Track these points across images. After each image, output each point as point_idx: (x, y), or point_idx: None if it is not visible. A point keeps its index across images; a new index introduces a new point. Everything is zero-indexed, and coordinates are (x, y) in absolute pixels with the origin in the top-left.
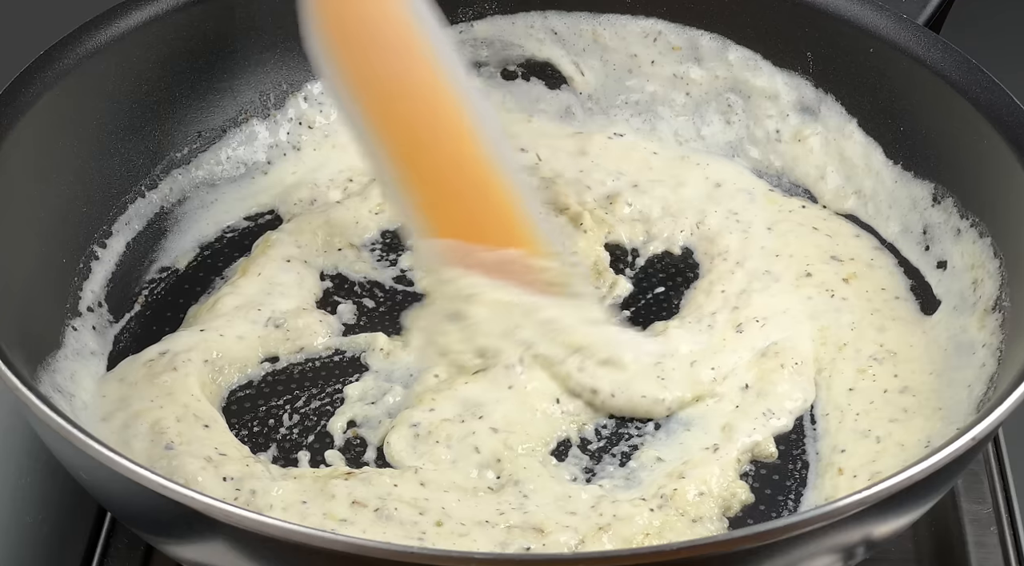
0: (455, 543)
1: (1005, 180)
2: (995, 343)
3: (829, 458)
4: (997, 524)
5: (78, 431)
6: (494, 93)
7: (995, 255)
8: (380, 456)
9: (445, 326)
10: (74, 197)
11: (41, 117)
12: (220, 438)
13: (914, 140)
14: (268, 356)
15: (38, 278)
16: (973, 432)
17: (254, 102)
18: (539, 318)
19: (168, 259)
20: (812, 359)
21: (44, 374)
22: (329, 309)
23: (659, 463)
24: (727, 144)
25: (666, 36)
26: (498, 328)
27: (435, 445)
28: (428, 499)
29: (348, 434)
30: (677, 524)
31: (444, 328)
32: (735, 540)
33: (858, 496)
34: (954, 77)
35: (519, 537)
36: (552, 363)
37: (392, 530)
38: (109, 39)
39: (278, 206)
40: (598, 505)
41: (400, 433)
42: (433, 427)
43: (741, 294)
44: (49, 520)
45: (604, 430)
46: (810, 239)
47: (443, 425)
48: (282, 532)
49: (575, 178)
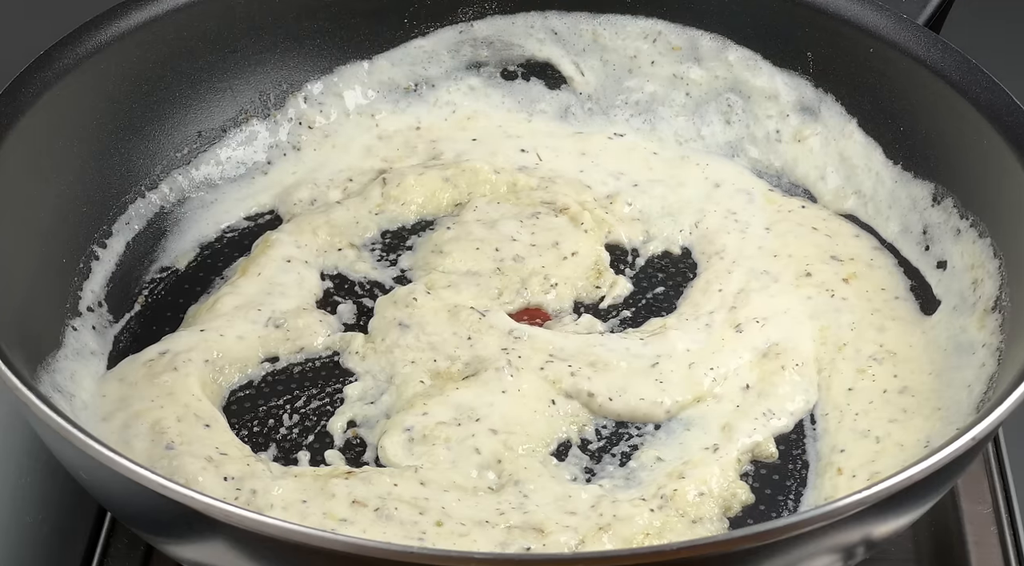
0: (455, 543)
1: (1005, 180)
2: (995, 343)
3: (828, 458)
4: (997, 524)
5: (78, 431)
6: (494, 93)
7: (995, 255)
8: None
9: (396, 335)
10: (74, 197)
11: (41, 117)
12: (221, 437)
13: (914, 140)
14: (268, 356)
15: (38, 278)
16: (973, 432)
17: (254, 102)
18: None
19: (168, 259)
20: (813, 360)
21: (44, 374)
22: (329, 309)
23: (659, 463)
24: (727, 144)
25: (666, 36)
26: (449, 333)
27: (433, 447)
28: (428, 499)
29: (348, 434)
30: (677, 525)
31: (397, 338)
32: (735, 540)
33: (858, 496)
34: (954, 77)
35: (519, 537)
36: (538, 367)
37: (392, 530)
38: (109, 39)
39: (278, 206)
40: (598, 505)
41: (393, 437)
42: (428, 430)
43: (739, 293)
44: (49, 520)
45: (604, 430)
46: (809, 239)
47: (439, 428)
48: (282, 532)
49: (575, 178)
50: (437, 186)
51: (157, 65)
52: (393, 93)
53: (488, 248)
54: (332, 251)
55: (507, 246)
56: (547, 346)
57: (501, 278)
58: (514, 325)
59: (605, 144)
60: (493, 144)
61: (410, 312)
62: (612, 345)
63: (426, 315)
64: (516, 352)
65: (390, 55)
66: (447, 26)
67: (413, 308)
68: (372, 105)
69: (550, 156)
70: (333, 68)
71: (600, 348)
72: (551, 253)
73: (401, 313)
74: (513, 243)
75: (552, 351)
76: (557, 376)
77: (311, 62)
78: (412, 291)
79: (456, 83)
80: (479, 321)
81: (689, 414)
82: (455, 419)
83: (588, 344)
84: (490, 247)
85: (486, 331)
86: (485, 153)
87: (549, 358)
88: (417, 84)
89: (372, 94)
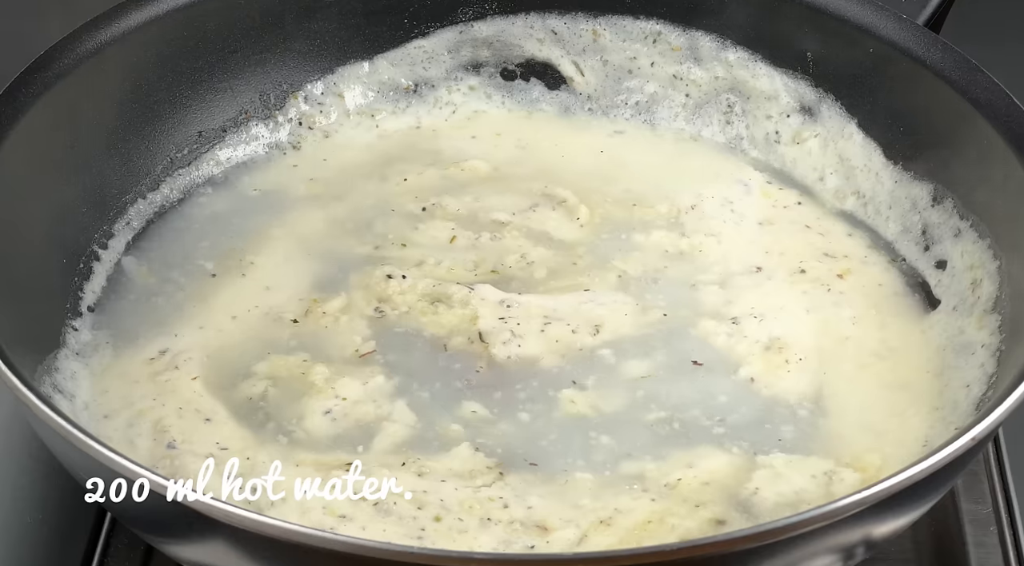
0: (454, 539)
1: (1005, 180)
2: (994, 344)
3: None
4: (997, 524)
5: (78, 431)
6: (494, 93)
7: (995, 256)
8: (378, 450)
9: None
10: (74, 197)
11: (41, 117)
12: (222, 432)
13: (914, 140)
14: (268, 349)
15: (38, 278)
16: (973, 432)
17: (254, 102)
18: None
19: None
20: (816, 354)
21: (44, 374)
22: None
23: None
24: (727, 144)
25: (666, 36)
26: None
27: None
28: (427, 492)
29: (347, 425)
30: (680, 509)
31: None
32: (735, 540)
33: (858, 496)
34: (954, 77)
35: (521, 534)
36: (538, 330)
37: (391, 526)
38: (109, 39)
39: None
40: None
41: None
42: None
43: (732, 288)
44: (49, 520)
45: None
46: (802, 236)
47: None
48: (282, 532)
49: (577, 172)
50: (436, 185)
51: (157, 65)
52: (393, 93)
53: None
54: (331, 243)
55: (490, 228)
56: (540, 310)
57: (476, 253)
58: (503, 294)
59: (605, 142)
60: (494, 143)
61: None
62: (602, 299)
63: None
64: (515, 320)
65: (390, 55)
66: (447, 26)
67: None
68: (372, 105)
69: (550, 154)
70: (333, 68)
71: (590, 304)
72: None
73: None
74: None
75: (547, 314)
76: (559, 336)
77: (311, 62)
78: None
79: (456, 83)
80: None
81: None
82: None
83: (579, 301)
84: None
85: (479, 304)
86: (485, 152)
87: (546, 321)
88: (417, 84)
89: (372, 94)
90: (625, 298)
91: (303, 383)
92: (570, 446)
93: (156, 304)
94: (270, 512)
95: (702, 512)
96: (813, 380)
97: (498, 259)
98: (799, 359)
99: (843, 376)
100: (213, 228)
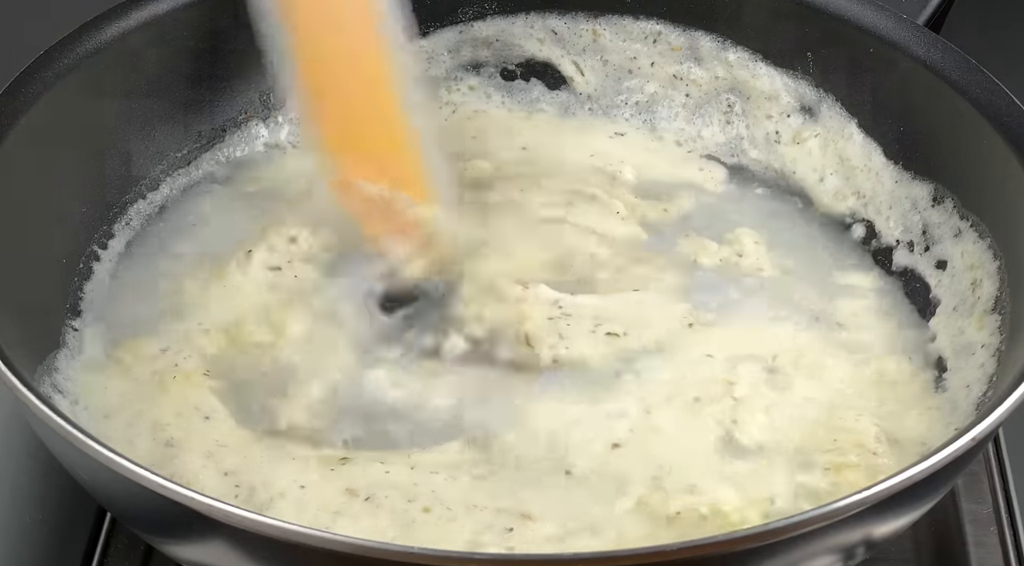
0: (443, 529)
1: (1005, 180)
2: (994, 344)
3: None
4: (997, 524)
5: (78, 431)
6: (494, 93)
7: (995, 256)
8: (376, 445)
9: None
10: (74, 197)
11: (41, 117)
12: (220, 429)
13: (914, 140)
14: (268, 345)
15: (38, 278)
16: (973, 432)
17: (254, 102)
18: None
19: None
20: (814, 356)
21: (44, 374)
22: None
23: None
24: (727, 144)
25: (666, 36)
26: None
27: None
28: (417, 484)
29: (346, 423)
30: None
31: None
32: (735, 540)
33: (858, 496)
34: (954, 77)
35: (507, 521)
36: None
37: (383, 519)
38: (109, 39)
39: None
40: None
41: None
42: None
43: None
44: (49, 520)
45: None
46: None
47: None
48: (282, 532)
49: (590, 167)
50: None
51: (157, 65)
52: None
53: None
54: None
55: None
56: (591, 311)
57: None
58: (557, 295)
59: (606, 142)
60: (494, 142)
61: None
62: (649, 300)
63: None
64: (564, 321)
65: None
66: (447, 26)
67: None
68: None
69: (550, 152)
70: None
71: (639, 305)
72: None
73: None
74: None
75: (597, 314)
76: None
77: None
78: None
79: (456, 83)
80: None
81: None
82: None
83: (628, 303)
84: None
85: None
86: (485, 152)
87: (597, 322)
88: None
89: None
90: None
91: (303, 382)
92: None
93: (156, 304)
94: (267, 510)
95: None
96: (814, 384)
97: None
98: (801, 361)
99: (838, 376)
100: (213, 228)
